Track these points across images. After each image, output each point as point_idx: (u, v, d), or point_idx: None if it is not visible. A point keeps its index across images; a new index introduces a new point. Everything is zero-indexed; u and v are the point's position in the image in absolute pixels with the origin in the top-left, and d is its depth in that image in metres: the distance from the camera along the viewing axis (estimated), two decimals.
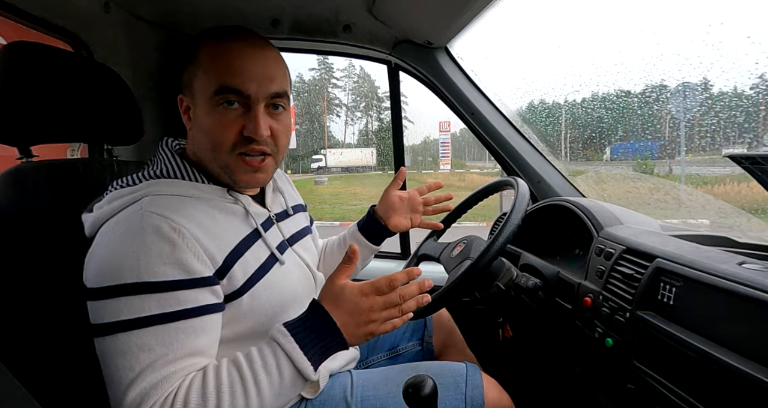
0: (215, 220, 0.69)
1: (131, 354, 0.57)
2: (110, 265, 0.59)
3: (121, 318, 0.57)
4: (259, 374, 0.59)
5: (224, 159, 0.70)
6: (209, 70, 0.68)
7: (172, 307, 0.59)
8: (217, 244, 0.66)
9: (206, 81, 0.68)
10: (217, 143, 0.69)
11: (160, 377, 0.57)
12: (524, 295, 0.92)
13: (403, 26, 1.31)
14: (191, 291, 0.61)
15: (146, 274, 0.58)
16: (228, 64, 0.67)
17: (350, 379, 0.82)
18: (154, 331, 0.58)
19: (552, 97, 1.95)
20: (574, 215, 1.01)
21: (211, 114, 0.68)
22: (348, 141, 31.35)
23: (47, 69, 0.79)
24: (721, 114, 1.29)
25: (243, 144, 0.69)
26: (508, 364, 1.27)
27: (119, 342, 0.57)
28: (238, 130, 0.69)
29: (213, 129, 0.68)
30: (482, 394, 0.78)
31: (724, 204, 1.19)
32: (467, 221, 1.25)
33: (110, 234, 0.63)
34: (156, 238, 0.60)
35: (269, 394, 0.59)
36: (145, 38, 1.25)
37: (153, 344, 0.57)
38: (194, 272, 0.61)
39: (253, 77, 0.68)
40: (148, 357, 0.57)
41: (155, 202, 0.64)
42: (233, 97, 0.67)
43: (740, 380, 0.50)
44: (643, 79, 1.48)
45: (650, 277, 0.68)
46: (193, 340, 0.60)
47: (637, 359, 0.67)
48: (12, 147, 0.79)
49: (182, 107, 0.74)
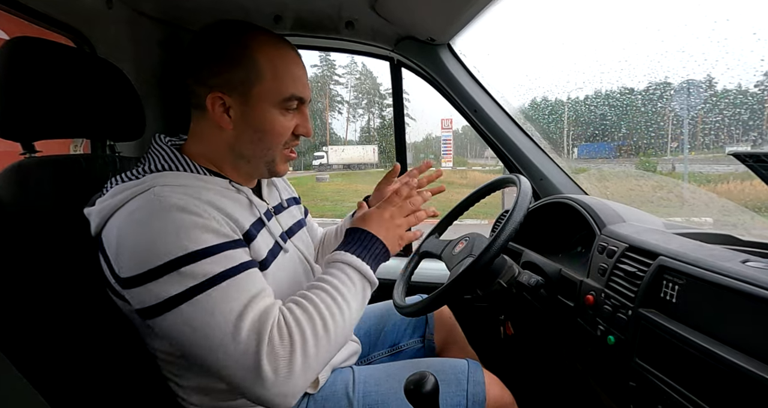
0: (225, 204, 0.70)
1: (219, 306, 0.58)
2: (149, 248, 0.59)
3: (189, 285, 0.58)
4: (339, 287, 0.67)
5: (275, 154, 0.78)
6: (281, 78, 0.74)
7: (231, 263, 0.62)
8: (237, 223, 0.69)
9: (276, 88, 0.73)
10: (276, 142, 0.77)
11: (261, 308, 0.60)
12: (526, 293, 0.92)
13: (405, 23, 1.31)
14: (235, 250, 0.64)
15: (191, 244, 0.60)
16: (294, 74, 0.75)
17: (352, 374, 0.83)
18: (227, 284, 0.60)
19: (555, 94, 1.94)
20: (576, 213, 1.01)
21: (277, 116, 0.75)
22: (350, 138, 31.33)
23: (50, 64, 0.79)
24: (726, 111, 1.28)
25: (292, 141, 0.80)
26: (509, 362, 1.27)
27: (200, 304, 0.58)
28: (292, 130, 0.78)
29: (275, 129, 0.75)
30: (484, 391, 0.79)
31: (727, 202, 1.18)
32: (469, 219, 1.24)
33: (130, 222, 0.62)
34: (183, 214, 0.62)
35: (353, 301, 0.68)
36: (147, 34, 1.25)
37: (234, 293, 0.60)
38: (228, 236, 0.65)
39: (307, 85, 0.78)
40: (237, 302, 0.59)
41: (167, 190, 0.65)
42: (296, 103, 0.77)
43: (743, 378, 0.49)
44: (647, 76, 1.47)
45: (653, 275, 0.68)
46: (261, 284, 0.65)
47: (639, 357, 0.67)
48: (15, 142, 0.79)
49: (216, 105, 0.72)
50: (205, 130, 0.76)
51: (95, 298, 0.70)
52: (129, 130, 0.94)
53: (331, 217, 10.51)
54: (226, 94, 0.72)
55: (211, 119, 0.73)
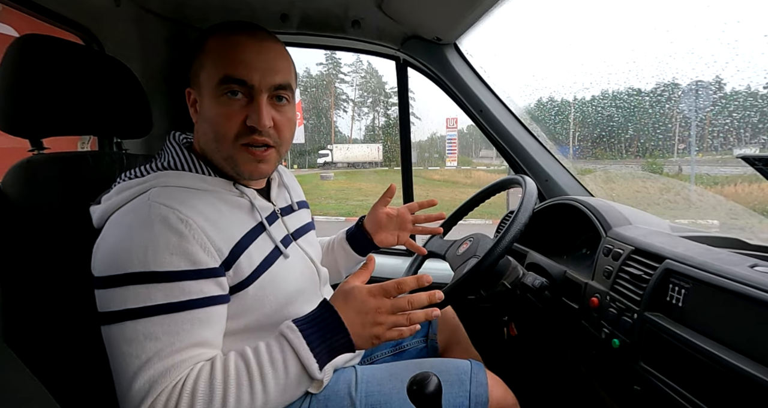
0: (221, 212, 0.69)
1: (137, 342, 0.57)
2: (118, 255, 0.60)
3: (127, 306, 0.58)
4: (265, 368, 0.60)
5: (228, 150, 0.71)
6: (215, 62, 0.69)
7: (178, 298, 0.60)
8: (223, 236, 0.67)
9: (212, 72, 0.69)
10: (221, 134, 0.70)
11: (167, 365, 0.57)
12: (530, 294, 0.92)
13: (412, 22, 1.30)
14: (197, 282, 0.61)
15: (153, 264, 0.59)
16: (234, 55, 0.69)
17: (355, 374, 0.83)
18: (160, 320, 0.58)
19: (562, 94, 1.93)
20: (582, 214, 1.00)
21: (216, 105, 0.69)
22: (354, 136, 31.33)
23: (58, 62, 0.79)
24: (735, 114, 1.27)
25: (246, 134, 0.70)
26: (512, 363, 1.27)
27: (126, 330, 0.58)
28: (242, 121, 0.69)
29: (217, 119, 0.69)
30: (486, 392, 0.78)
31: (735, 205, 1.17)
32: (473, 218, 1.24)
33: (118, 224, 0.64)
34: (163, 229, 0.60)
35: (274, 389, 0.60)
36: (155, 32, 1.25)
37: (159, 333, 0.58)
38: (200, 263, 0.62)
39: (257, 68, 0.69)
40: (154, 346, 0.58)
41: (163, 194, 0.65)
42: (237, 87, 0.68)
43: (749, 384, 0.49)
44: (655, 77, 1.46)
45: (659, 279, 0.67)
46: (199, 330, 0.61)
47: (644, 361, 0.67)
48: (24, 139, 0.79)
49: (189, 100, 0.75)
50: (195, 128, 0.78)
51: None
52: (136, 128, 0.95)
53: (335, 215, 10.54)
54: (192, 88, 0.74)
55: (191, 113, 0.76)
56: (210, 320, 0.63)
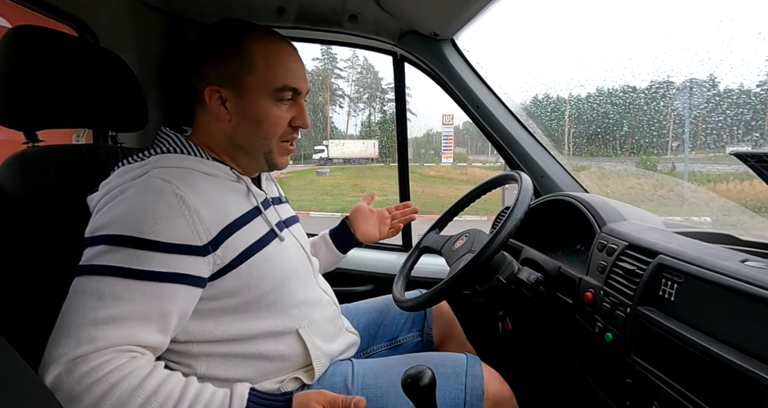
0: (218, 193, 0.72)
1: (83, 296, 0.58)
2: (106, 217, 0.63)
3: (92, 262, 0.60)
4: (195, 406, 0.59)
5: (272, 145, 0.80)
6: (273, 69, 0.76)
7: (140, 266, 0.60)
8: (216, 216, 0.69)
9: (269, 78, 0.76)
10: (272, 133, 0.79)
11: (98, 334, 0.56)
12: (525, 289, 0.93)
13: (409, 17, 1.30)
14: (171, 255, 0.62)
15: (134, 229, 0.60)
16: (287, 65, 0.78)
17: (351, 367, 0.83)
18: (111, 281, 0.59)
19: (558, 91, 1.94)
20: (576, 210, 1.01)
21: (270, 108, 0.77)
22: (350, 132, 31.22)
23: (52, 53, 0.79)
24: (729, 111, 1.28)
25: (289, 133, 0.82)
26: (506, 358, 1.28)
27: (80, 283, 0.60)
28: (288, 122, 0.80)
29: (269, 120, 0.78)
30: (482, 385, 0.79)
31: (727, 201, 1.18)
32: (469, 215, 1.25)
33: (115, 196, 0.66)
34: (155, 198, 0.63)
35: None
36: (150, 25, 1.24)
37: (105, 295, 0.58)
38: (181, 238, 0.63)
39: (302, 77, 0.80)
40: (95, 306, 0.57)
41: (163, 172, 0.68)
42: (290, 94, 0.78)
43: (738, 376, 0.50)
44: (650, 74, 1.47)
45: (652, 273, 0.68)
46: (148, 305, 0.60)
47: (636, 354, 0.68)
48: (18, 131, 0.79)
49: (213, 98, 0.76)
50: (205, 123, 0.80)
51: None
52: (131, 121, 0.94)
53: (330, 211, 10.52)
54: (222, 87, 0.76)
55: (209, 112, 0.78)
56: (165, 298, 0.61)
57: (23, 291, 0.71)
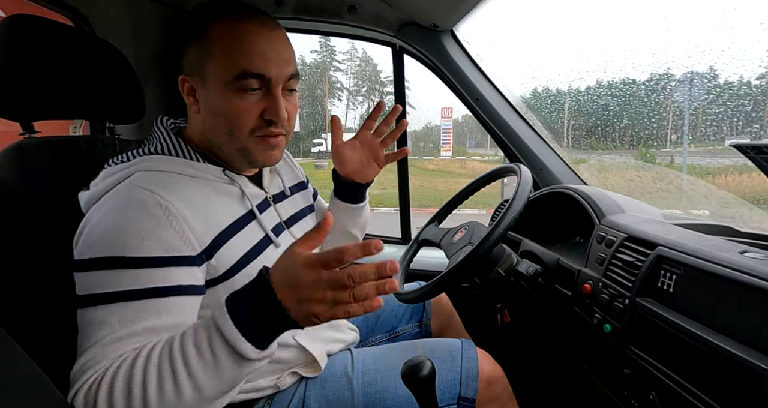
0: (207, 199, 0.68)
1: (91, 327, 0.56)
2: (91, 238, 0.59)
3: (93, 291, 0.57)
4: (188, 352, 0.53)
5: (243, 142, 0.70)
6: (227, 54, 0.66)
7: (143, 285, 0.58)
8: (206, 223, 0.65)
9: (225, 65, 0.66)
10: (237, 127, 0.69)
11: (103, 352, 0.55)
12: (524, 282, 0.93)
13: (409, 8, 1.29)
14: (167, 269, 0.59)
15: (123, 249, 0.57)
16: (248, 48, 0.66)
17: (351, 356, 0.84)
18: (119, 307, 0.57)
19: (558, 83, 1.92)
20: (576, 203, 1.01)
21: (231, 98, 0.67)
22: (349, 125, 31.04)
23: (48, 43, 0.78)
24: (729, 102, 1.27)
25: (262, 127, 0.70)
26: (505, 349, 1.29)
27: (87, 314, 0.57)
28: (259, 114, 0.69)
29: (233, 113, 0.68)
30: (477, 366, 0.82)
31: (726, 194, 1.18)
32: (467, 208, 1.24)
33: (99, 208, 0.63)
34: (139, 213, 0.59)
35: (203, 373, 0.53)
36: (147, 15, 1.23)
37: (114, 321, 0.56)
38: (174, 250, 0.60)
39: (272, 60, 0.67)
40: (101, 333, 0.56)
41: (145, 177, 0.64)
42: (255, 81, 0.67)
43: (737, 366, 0.50)
44: (651, 66, 1.46)
45: (651, 265, 0.68)
46: (156, 319, 0.58)
47: (634, 345, 0.68)
48: (14, 122, 0.78)
49: (185, 88, 0.71)
50: (190, 116, 0.75)
51: None
52: (128, 113, 0.93)
53: None
54: (189, 76, 0.70)
55: (187, 103, 0.73)
56: (171, 310, 0.59)
57: (20, 283, 0.71)
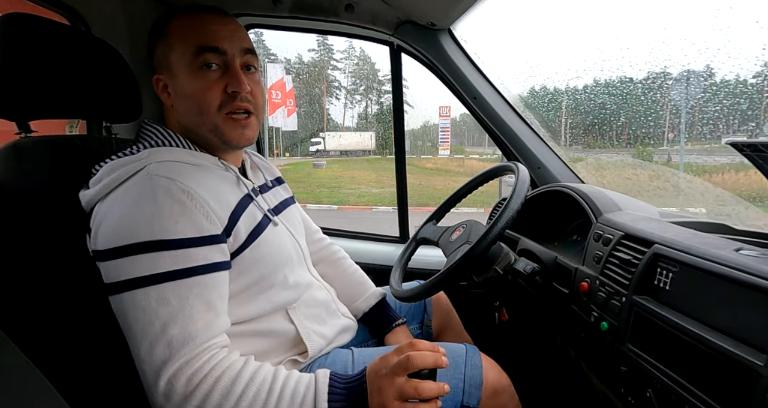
0: (215, 182, 0.73)
1: (150, 308, 0.60)
2: (124, 226, 0.63)
3: (136, 275, 0.61)
4: (285, 392, 0.62)
5: (213, 120, 0.75)
6: (184, 38, 0.74)
7: (185, 264, 0.63)
8: (221, 204, 0.70)
9: (184, 48, 0.73)
10: (205, 105, 0.74)
11: (186, 333, 0.60)
12: (521, 280, 0.93)
13: (406, 6, 1.28)
14: (201, 248, 0.65)
15: (160, 232, 0.62)
16: (202, 28, 0.74)
17: (351, 355, 0.84)
18: (171, 286, 0.61)
19: (555, 82, 1.93)
20: (573, 201, 1.01)
21: (194, 78, 0.74)
22: (347, 124, 31.05)
23: (45, 42, 0.77)
24: (726, 101, 1.28)
25: (228, 102, 0.75)
26: (503, 347, 1.29)
27: (137, 297, 0.61)
28: (222, 89, 0.74)
29: (198, 92, 0.73)
30: (481, 374, 0.79)
31: (722, 192, 1.19)
32: (465, 207, 1.25)
33: (121, 199, 0.66)
34: (167, 199, 0.64)
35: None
36: (143, 14, 1.22)
37: (170, 298, 0.61)
38: (204, 231, 0.66)
39: (225, 35, 0.75)
40: (167, 310, 0.60)
41: (161, 168, 0.68)
42: (211, 57, 0.74)
43: (731, 363, 0.51)
44: (648, 64, 1.47)
45: (647, 263, 0.69)
46: (207, 295, 0.64)
47: (631, 342, 0.69)
48: (10, 122, 0.78)
49: (159, 87, 0.78)
50: (165, 110, 0.81)
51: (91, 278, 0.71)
52: (125, 112, 0.93)
53: (327, 204, 10.50)
54: (160, 73, 0.78)
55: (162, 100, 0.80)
56: (215, 286, 0.66)
57: (17, 283, 0.71)
